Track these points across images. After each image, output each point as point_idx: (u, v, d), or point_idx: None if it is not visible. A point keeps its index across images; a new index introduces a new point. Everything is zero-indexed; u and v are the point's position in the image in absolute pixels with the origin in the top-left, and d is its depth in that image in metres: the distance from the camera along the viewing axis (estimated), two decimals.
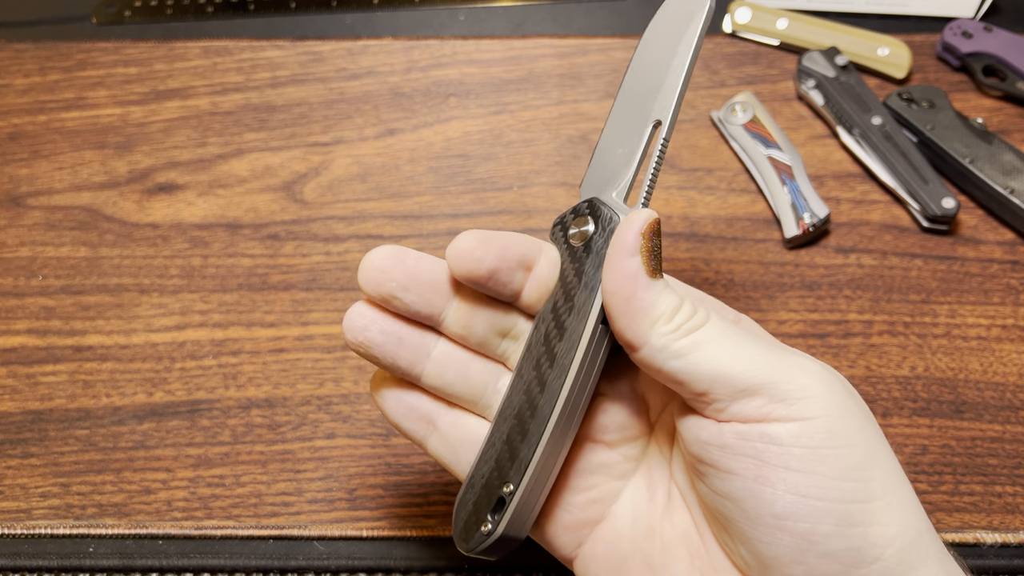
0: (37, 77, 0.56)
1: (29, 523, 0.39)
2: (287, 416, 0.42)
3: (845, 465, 0.24)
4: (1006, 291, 0.45)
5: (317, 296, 0.46)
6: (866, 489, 0.24)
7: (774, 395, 0.25)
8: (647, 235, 0.26)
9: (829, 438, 0.24)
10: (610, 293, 0.27)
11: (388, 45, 0.57)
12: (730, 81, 0.54)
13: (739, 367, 0.25)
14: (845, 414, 0.25)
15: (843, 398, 0.25)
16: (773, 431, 0.25)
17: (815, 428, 0.24)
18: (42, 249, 0.49)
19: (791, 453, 0.24)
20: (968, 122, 0.50)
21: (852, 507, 0.24)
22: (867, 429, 0.25)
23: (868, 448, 0.25)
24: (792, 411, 0.25)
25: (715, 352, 0.26)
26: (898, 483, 0.25)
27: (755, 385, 0.25)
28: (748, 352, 0.26)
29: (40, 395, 0.43)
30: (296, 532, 0.39)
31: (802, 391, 0.25)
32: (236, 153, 0.52)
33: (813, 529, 0.24)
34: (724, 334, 0.26)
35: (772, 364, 0.25)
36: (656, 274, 0.26)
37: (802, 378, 0.25)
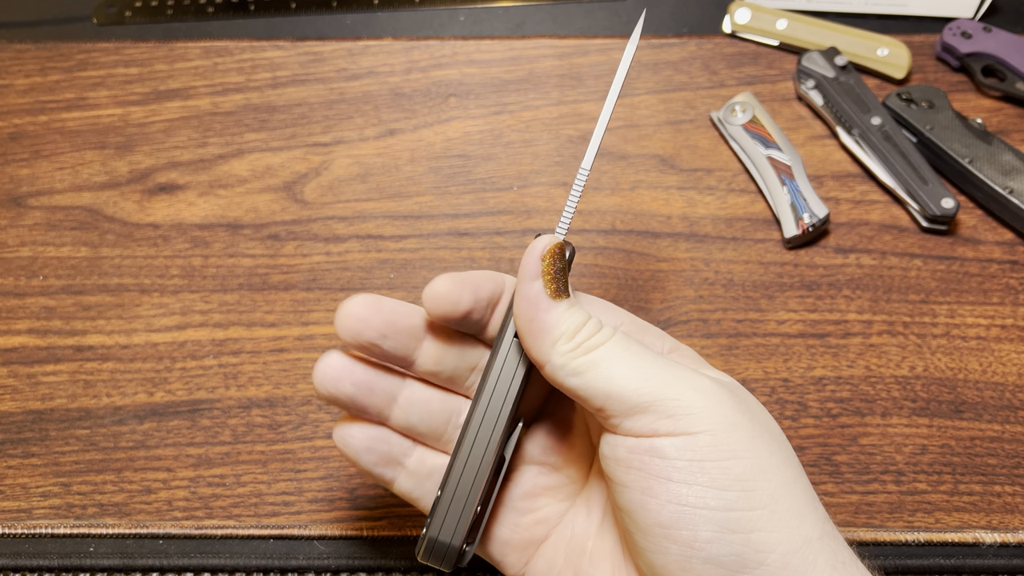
0: (38, 77, 0.56)
1: (30, 523, 0.39)
2: (288, 416, 0.42)
3: (727, 476, 0.25)
4: (1005, 291, 0.45)
5: (317, 296, 0.46)
6: (749, 498, 0.25)
7: (662, 412, 0.26)
8: (548, 258, 0.28)
9: (712, 451, 0.26)
10: (517, 316, 0.29)
11: (388, 45, 0.57)
12: (730, 81, 0.54)
13: (631, 385, 0.27)
14: (731, 428, 0.26)
15: (732, 414, 0.26)
16: (659, 445, 0.26)
17: (698, 442, 0.26)
18: (43, 249, 0.49)
19: (674, 465, 0.26)
20: (967, 122, 0.50)
21: (732, 515, 0.25)
22: (756, 442, 0.26)
23: (755, 461, 0.26)
24: (678, 426, 0.26)
25: (610, 371, 0.27)
26: (789, 492, 0.26)
27: (644, 402, 0.26)
28: (643, 371, 0.27)
29: (41, 395, 0.43)
30: (297, 532, 0.39)
31: (689, 407, 0.26)
32: (236, 153, 0.52)
33: (695, 536, 0.25)
34: (623, 352, 0.27)
35: (664, 382, 0.27)
36: (560, 295, 0.28)
37: (690, 395, 0.26)
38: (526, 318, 0.28)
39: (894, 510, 0.39)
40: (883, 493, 0.40)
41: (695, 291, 0.46)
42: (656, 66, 0.55)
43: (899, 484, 0.40)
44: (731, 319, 0.45)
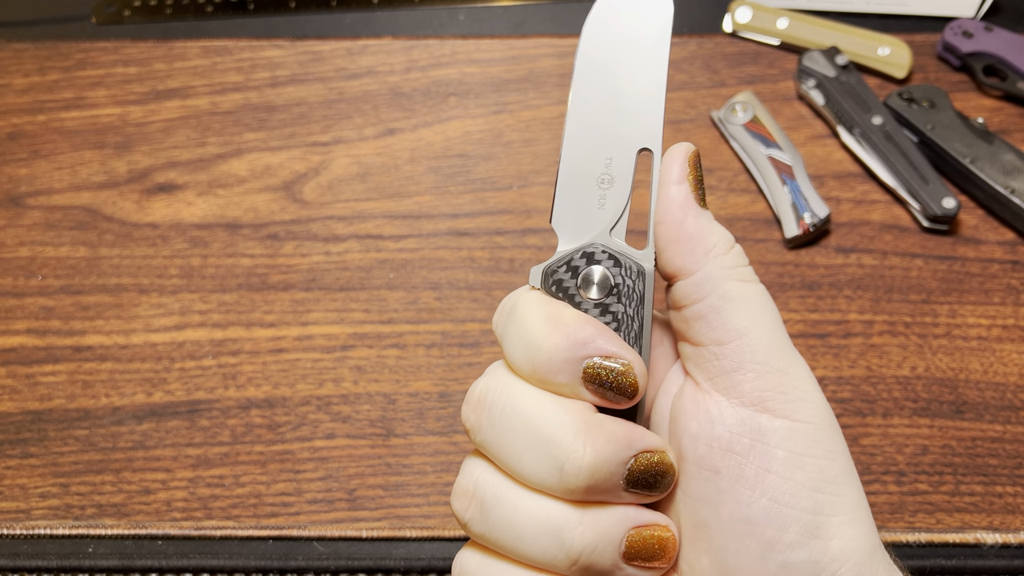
0: (36, 77, 0.56)
1: (28, 523, 0.39)
2: (287, 416, 0.42)
3: (822, 476, 0.24)
4: (1007, 291, 0.45)
5: (317, 296, 0.46)
6: (835, 503, 0.24)
7: (779, 384, 0.25)
8: (692, 164, 0.25)
9: (813, 446, 0.24)
10: (660, 223, 0.25)
11: (388, 45, 0.57)
12: (730, 81, 0.54)
13: (768, 339, 0.25)
14: (831, 426, 0.25)
15: (831, 414, 0.25)
16: (763, 427, 0.24)
17: (802, 432, 0.24)
18: (41, 249, 0.49)
19: (774, 455, 0.24)
20: (969, 122, 0.50)
21: (819, 519, 0.24)
22: (846, 448, 0.25)
23: (844, 465, 0.25)
24: (788, 408, 0.24)
25: (757, 312, 0.25)
26: (863, 502, 0.25)
27: (770, 364, 0.25)
28: (780, 333, 0.25)
29: (39, 395, 0.43)
30: (296, 532, 0.39)
31: (803, 392, 0.25)
32: (235, 153, 0.52)
33: (779, 537, 0.24)
34: (768, 303, 0.26)
35: (790, 357, 0.25)
36: (704, 204, 0.26)
37: (808, 381, 0.25)
38: (674, 223, 0.25)
39: (895, 511, 0.39)
40: (884, 494, 0.39)
41: None
42: None
43: (900, 485, 0.40)
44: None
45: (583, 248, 0.25)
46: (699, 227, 0.25)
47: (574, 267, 0.25)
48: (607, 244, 0.25)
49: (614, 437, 0.24)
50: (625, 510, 0.24)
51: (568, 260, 0.25)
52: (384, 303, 0.46)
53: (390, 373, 0.43)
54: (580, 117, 0.26)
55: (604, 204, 0.26)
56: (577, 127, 0.26)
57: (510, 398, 0.24)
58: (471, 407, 0.25)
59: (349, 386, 0.43)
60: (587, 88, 0.26)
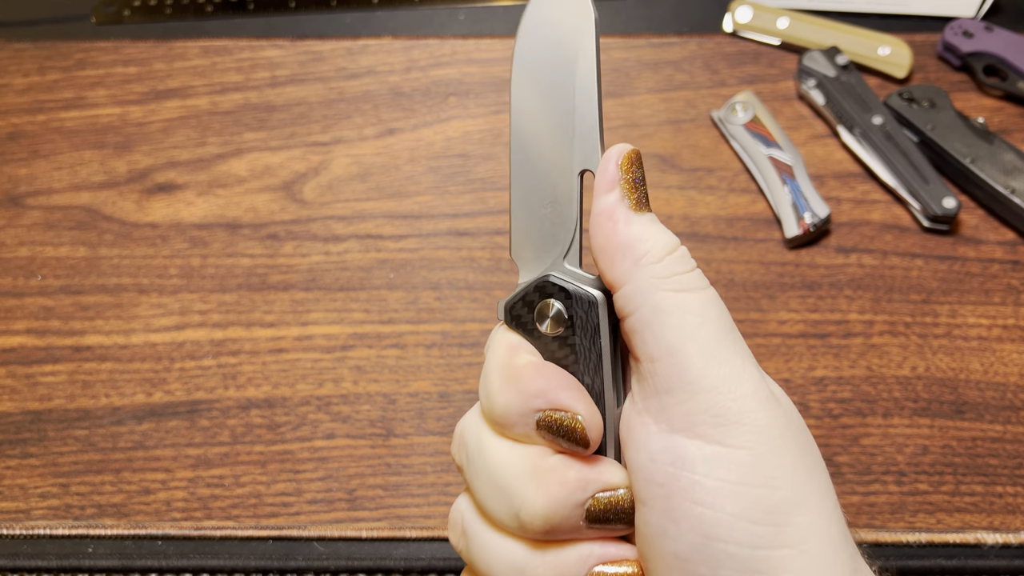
0: (36, 77, 0.56)
1: (28, 523, 0.39)
2: (286, 416, 0.42)
3: (759, 507, 0.22)
4: (1007, 291, 0.45)
5: (316, 296, 0.46)
6: (779, 534, 0.22)
7: (711, 407, 0.22)
8: (625, 166, 0.24)
9: (749, 474, 0.22)
10: (592, 228, 0.24)
11: (388, 44, 0.57)
12: (730, 81, 0.54)
13: (701, 356, 0.23)
14: (775, 452, 0.22)
15: (779, 435, 0.23)
16: (690, 454, 0.22)
17: (736, 459, 0.22)
18: (41, 249, 0.48)
19: (703, 484, 0.22)
20: (969, 122, 0.50)
21: (758, 553, 0.22)
22: (798, 471, 0.22)
23: (792, 491, 0.22)
24: (718, 432, 0.22)
25: (691, 325, 0.23)
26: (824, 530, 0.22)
27: (702, 384, 0.22)
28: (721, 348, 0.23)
29: (39, 395, 0.43)
30: (295, 532, 0.39)
31: (741, 414, 0.22)
32: (235, 153, 0.52)
33: (713, 574, 0.22)
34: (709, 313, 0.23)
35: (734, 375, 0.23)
36: (641, 207, 0.24)
37: (748, 402, 0.22)
38: (603, 234, 0.24)
39: (895, 511, 0.39)
40: (884, 494, 0.39)
41: None
42: (657, 65, 0.55)
43: (900, 485, 0.40)
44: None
45: (536, 282, 0.25)
46: (628, 236, 0.24)
47: (529, 302, 0.25)
48: (560, 274, 0.25)
49: (566, 481, 0.23)
50: (589, 547, 0.24)
51: (524, 295, 0.25)
52: (384, 303, 0.46)
53: (390, 373, 0.43)
54: (521, 143, 0.25)
55: (555, 232, 0.25)
56: (519, 156, 0.26)
57: (478, 442, 0.24)
58: (455, 445, 0.26)
59: (349, 386, 0.43)
60: (524, 115, 0.25)
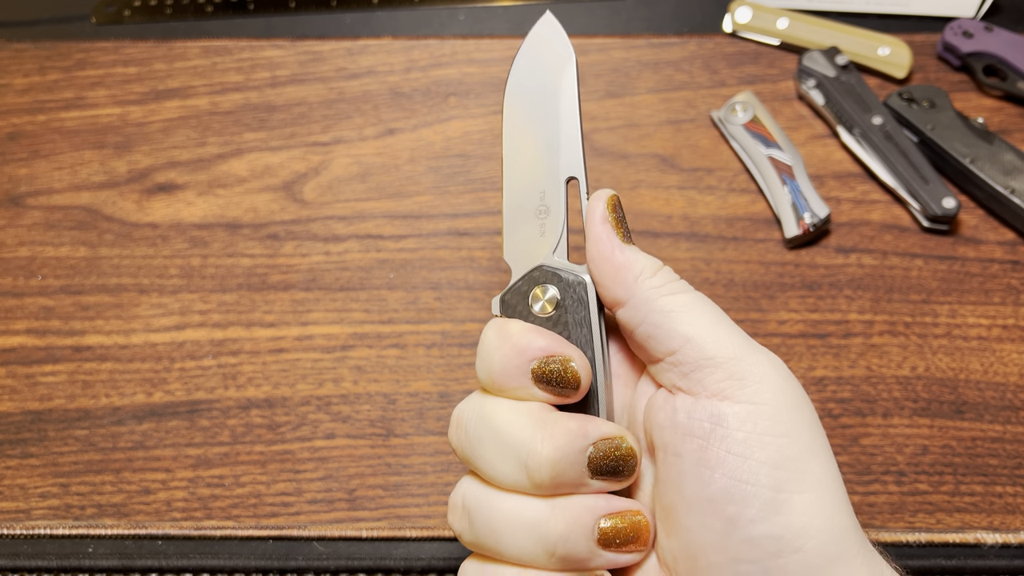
0: (36, 77, 0.56)
1: (28, 523, 0.39)
2: (287, 416, 0.42)
3: (782, 454, 0.25)
4: (1007, 291, 0.45)
5: (317, 296, 0.46)
6: (798, 480, 0.25)
7: (734, 372, 0.26)
8: (611, 207, 0.28)
9: (772, 425, 0.25)
10: (593, 260, 0.28)
11: (388, 45, 0.57)
12: (730, 81, 0.54)
13: (712, 335, 0.26)
14: (793, 407, 0.26)
15: (795, 393, 0.26)
16: (722, 411, 0.25)
17: (761, 413, 0.25)
18: (41, 249, 0.49)
19: (734, 436, 0.25)
20: (969, 122, 0.50)
21: (780, 495, 0.24)
22: (812, 426, 0.26)
23: (808, 443, 0.25)
24: (745, 393, 0.25)
25: (694, 316, 0.27)
26: (831, 480, 0.25)
27: (722, 356, 0.26)
28: (722, 328, 0.27)
29: (39, 395, 0.43)
30: (295, 532, 0.39)
31: (760, 376, 0.26)
32: (236, 153, 0.52)
33: (740, 513, 0.24)
34: (704, 305, 0.27)
35: (740, 344, 0.26)
36: (627, 240, 0.28)
37: (763, 364, 0.26)
38: (603, 257, 0.28)
39: (895, 511, 0.39)
40: (884, 494, 0.39)
41: None
42: (657, 65, 0.55)
43: (900, 485, 0.40)
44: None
45: (528, 273, 0.29)
46: (625, 258, 0.28)
47: (523, 291, 0.29)
48: (550, 265, 0.29)
49: (568, 429, 0.26)
50: (595, 499, 0.26)
51: (518, 285, 0.29)
52: (384, 303, 0.46)
53: (390, 373, 0.43)
54: (513, 157, 0.30)
55: (544, 232, 0.29)
56: (512, 167, 0.30)
57: (479, 412, 0.27)
58: (453, 428, 0.28)
59: (349, 386, 0.43)
60: (516, 131, 0.30)
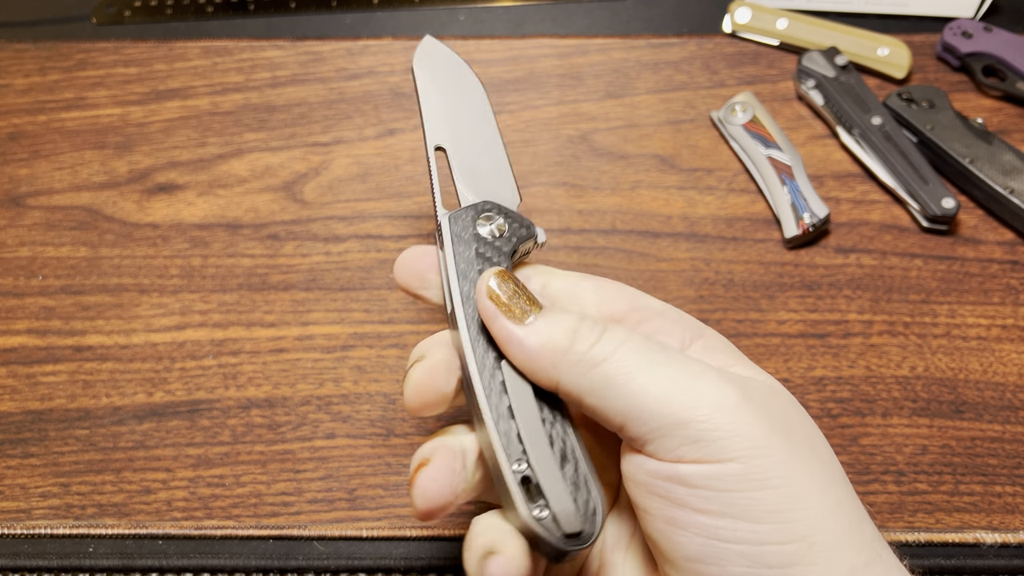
0: (37, 77, 0.56)
1: (29, 523, 0.39)
2: (287, 416, 0.42)
3: (759, 508, 0.23)
4: (1006, 291, 0.45)
5: (317, 296, 0.46)
6: (784, 530, 0.23)
7: (686, 436, 0.24)
8: (492, 294, 0.26)
9: (742, 480, 0.23)
10: (509, 357, 0.26)
11: (388, 45, 0.57)
12: (730, 81, 0.54)
13: (650, 405, 0.24)
14: (763, 453, 0.24)
15: (765, 436, 0.24)
16: (682, 472, 0.24)
17: (727, 471, 0.23)
18: (42, 249, 0.49)
19: (700, 495, 0.23)
20: (968, 122, 0.50)
21: (766, 549, 0.23)
22: (792, 467, 0.24)
23: (790, 489, 0.23)
24: (704, 452, 0.24)
25: (628, 386, 0.24)
26: (830, 521, 0.24)
27: (667, 424, 0.24)
28: (664, 385, 0.24)
29: (40, 395, 0.43)
30: (296, 532, 0.39)
31: (717, 431, 0.24)
32: (236, 153, 0.52)
33: (724, 572, 0.23)
34: (640, 361, 0.25)
35: (689, 398, 0.24)
36: (525, 313, 0.26)
37: (718, 416, 0.24)
38: (515, 354, 0.26)
39: (895, 510, 0.39)
40: (884, 493, 0.40)
41: (695, 291, 0.46)
42: (656, 66, 0.55)
43: (900, 484, 0.40)
44: (731, 319, 0.45)
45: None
46: (531, 349, 0.25)
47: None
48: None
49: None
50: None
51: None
52: (384, 303, 0.46)
53: (390, 373, 0.43)
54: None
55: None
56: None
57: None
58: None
59: (349, 386, 0.43)
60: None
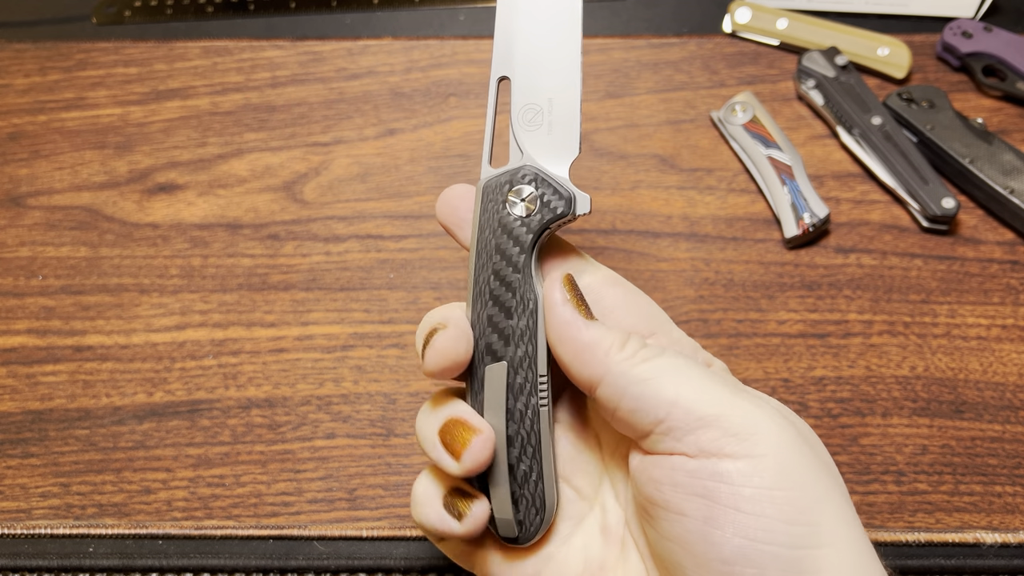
0: (37, 77, 0.56)
1: (29, 523, 0.39)
2: (287, 416, 0.42)
3: (794, 508, 0.24)
4: (1006, 291, 0.45)
5: (317, 296, 0.46)
6: (814, 534, 0.24)
7: (728, 428, 0.25)
8: (569, 287, 0.28)
9: (779, 478, 0.24)
10: (559, 342, 0.28)
11: (388, 45, 0.57)
12: (730, 81, 0.54)
13: (696, 396, 0.26)
14: (794, 454, 0.25)
15: (792, 438, 0.25)
16: (724, 469, 0.24)
17: (765, 466, 0.24)
18: (42, 249, 0.49)
19: (741, 493, 0.24)
20: (968, 122, 0.50)
21: (799, 552, 0.24)
22: (817, 471, 0.25)
23: (817, 491, 0.24)
24: (744, 447, 0.25)
25: (674, 379, 0.26)
26: (847, 527, 0.24)
27: (712, 414, 0.25)
28: (706, 384, 0.26)
29: (40, 395, 0.43)
30: (296, 532, 0.39)
31: (754, 427, 0.25)
32: (236, 153, 0.52)
33: (760, 574, 0.23)
34: (681, 365, 0.27)
35: (728, 398, 0.26)
36: (590, 316, 0.28)
37: (755, 414, 0.25)
38: (569, 340, 0.27)
39: (895, 510, 0.39)
40: (884, 493, 0.40)
41: (695, 291, 0.46)
42: (656, 66, 0.55)
43: (900, 484, 0.40)
44: (731, 319, 0.45)
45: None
46: (591, 336, 0.27)
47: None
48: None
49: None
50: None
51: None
52: (384, 303, 0.46)
53: (390, 373, 0.43)
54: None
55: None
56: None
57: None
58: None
59: (349, 386, 0.43)
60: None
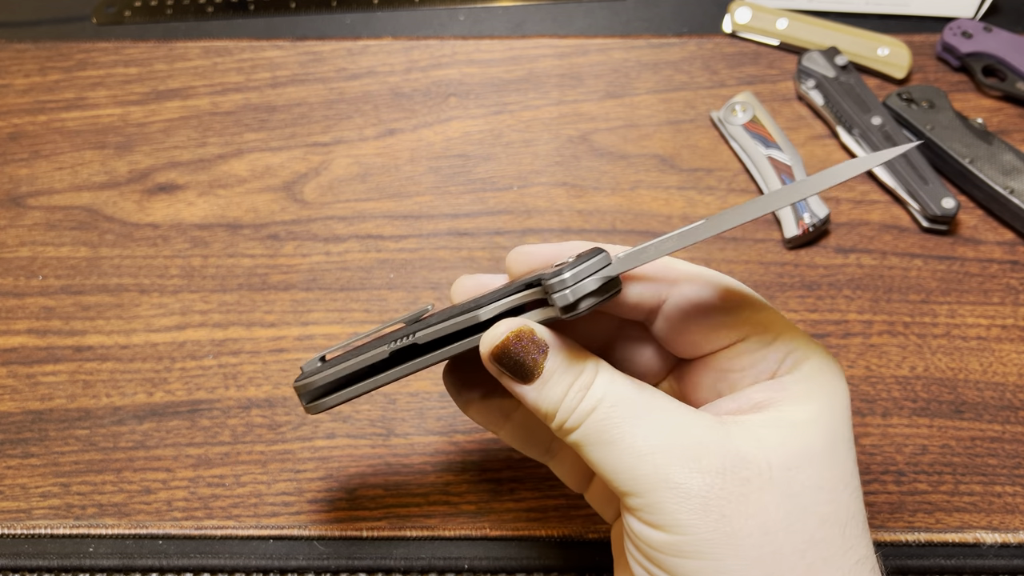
0: (37, 77, 0.56)
1: (29, 523, 0.39)
2: (287, 416, 0.42)
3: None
4: (1006, 291, 0.45)
5: (317, 296, 0.46)
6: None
7: (646, 508, 0.25)
8: (492, 365, 0.27)
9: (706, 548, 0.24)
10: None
11: (388, 45, 0.57)
12: (730, 81, 0.54)
13: (623, 474, 0.25)
14: (716, 528, 0.24)
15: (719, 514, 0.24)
16: (646, 536, 0.25)
17: (685, 543, 0.24)
18: (42, 249, 0.49)
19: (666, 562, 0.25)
20: (968, 122, 0.50)
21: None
22: (754, 539, 0.24)
23: (746, 561, 0.24)
24: (661, 520, 0.24)
25: (601, 452, 0.26)
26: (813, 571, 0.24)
27: (631, 491, 0.25)
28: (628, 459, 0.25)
29: (40, 395, 0.43)
30: (296, 532, 0.39)
31: (670, 508, 0.24)
32: (236, 153, 0.52)
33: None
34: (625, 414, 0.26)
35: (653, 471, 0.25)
36: (528, 379, 0.27)
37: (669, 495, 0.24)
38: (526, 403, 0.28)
39: (894, 510, 0.39)
40: (883, 493, 0.40)
41: None
42: (656, 66, 0.55)
43: (899, 484, 0.40)
44: None
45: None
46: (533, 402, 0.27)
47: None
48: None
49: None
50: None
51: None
52: (384, 303, 0.46)
53: None
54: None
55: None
56: None
57: None
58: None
59: None
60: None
